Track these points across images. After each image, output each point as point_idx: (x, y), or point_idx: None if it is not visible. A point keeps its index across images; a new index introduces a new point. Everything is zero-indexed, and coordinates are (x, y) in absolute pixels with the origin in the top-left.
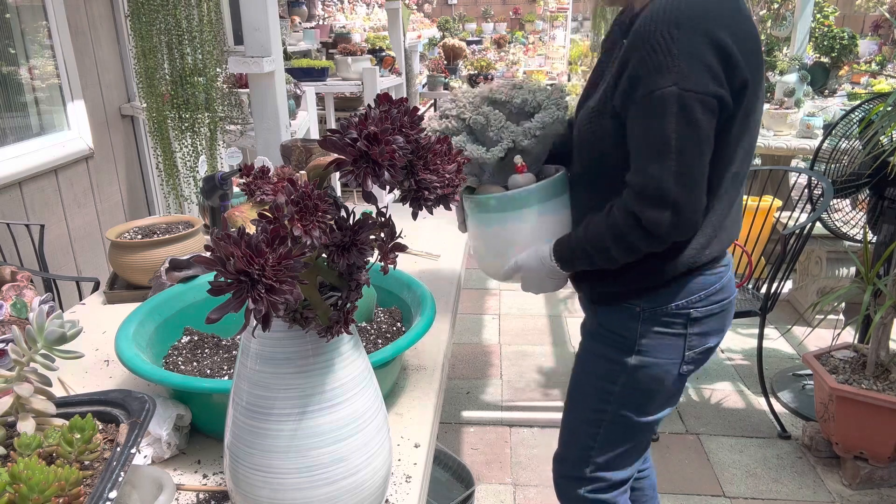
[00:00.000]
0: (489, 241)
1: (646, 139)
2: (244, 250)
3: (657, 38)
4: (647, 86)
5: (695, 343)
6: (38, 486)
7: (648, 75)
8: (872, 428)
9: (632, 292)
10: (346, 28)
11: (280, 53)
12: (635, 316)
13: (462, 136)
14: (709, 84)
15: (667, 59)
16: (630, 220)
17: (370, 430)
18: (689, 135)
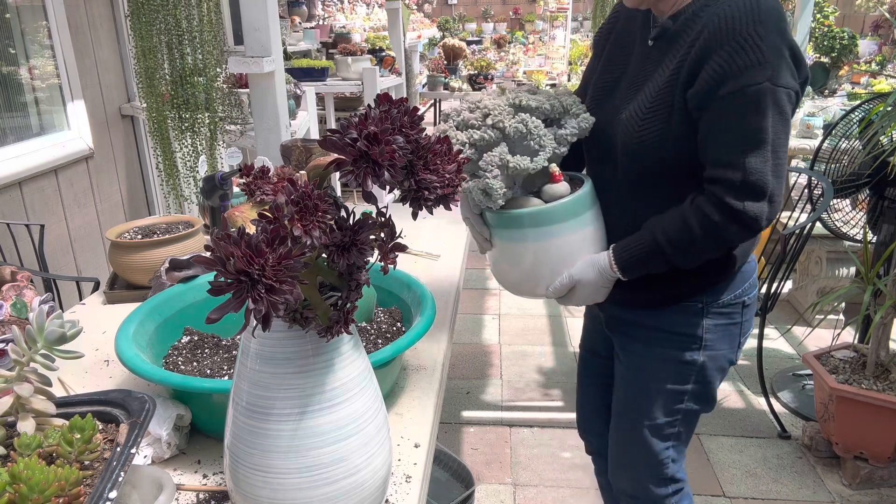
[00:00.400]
0: (532, 258)
1: (741, 133)
2: (244, 250)
3: (744, 36)
4: (738, 81)
5: (746, 328)
6: (38, 486)
7: (740, 72)
8: (872, 428)
9: (696, 289)
10: (346, 28)
11: (280, 53)
12: (698, 312)
13: (501, 148)
14: (790, 79)
15: (758, 55)
16: (727, 214)
17: (370, 430)
18: (782, 128)
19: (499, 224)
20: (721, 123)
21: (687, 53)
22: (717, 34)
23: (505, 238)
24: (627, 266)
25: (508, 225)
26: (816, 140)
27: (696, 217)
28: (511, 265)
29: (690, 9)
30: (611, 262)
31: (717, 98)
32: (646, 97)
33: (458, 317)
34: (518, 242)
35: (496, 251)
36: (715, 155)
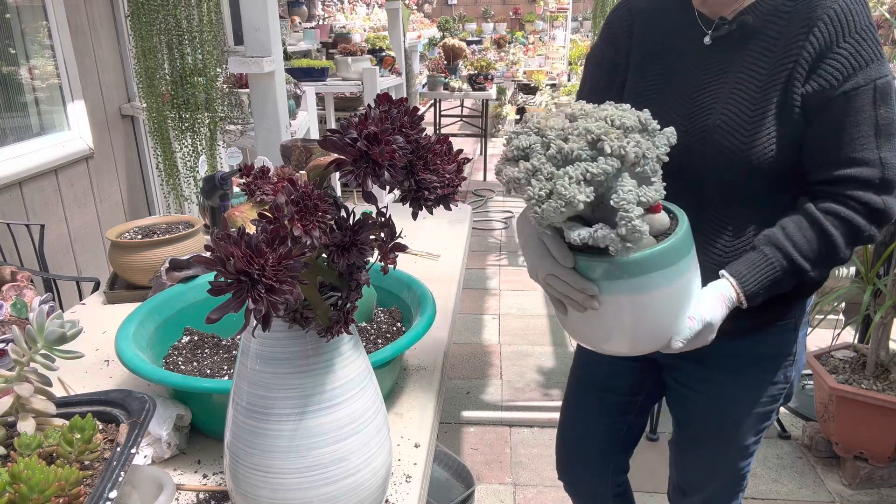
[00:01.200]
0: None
1: (874, 128)
2: (244, 250)
3: (862, 30)
4: (867, 76)
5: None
6: (38, 486)
7: (866, 65)
8: (872, 428)
9: (792, 305)
10: (346, 28)
11: (280, 53)
12: (792, 328)
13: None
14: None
15: (877, 49)
16: (869, 214)
17: (370, 430)
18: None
19: (612, 274)
20: (850, 119)
21: (797, 49)
22: (836, 27)
23: (623, 290)
24: (759, 292)
25: (628, 273)
26: None
27: (833, 223)
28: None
29: (768, 3)
30: (737, 292)
31: (842, 94)
32: (742, 101)
33: (458, 317)
34: (640, 293)
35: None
36: (845, 153)
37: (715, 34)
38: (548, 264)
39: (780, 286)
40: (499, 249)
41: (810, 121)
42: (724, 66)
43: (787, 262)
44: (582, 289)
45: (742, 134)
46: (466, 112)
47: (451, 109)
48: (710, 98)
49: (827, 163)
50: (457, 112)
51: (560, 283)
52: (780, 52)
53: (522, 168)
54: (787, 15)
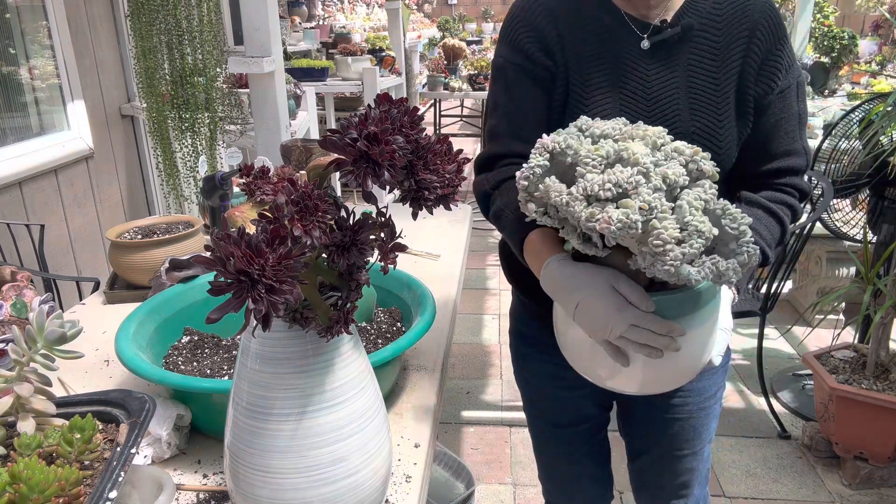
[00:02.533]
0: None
1: (798, 121)
2: (244, 250)
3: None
4: (793, 75)
5: None
6: (38, 486)
7: (790, 67)
8: (872, 428)
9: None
10: (346, 28)
11: (280, 53)
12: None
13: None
14: None
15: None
16: (801, 196)
17: (370, 430)
18: None
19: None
20: (784, 116)
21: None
22: (772, 32)
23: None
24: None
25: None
26: (816, 140)
27: (783, 211)
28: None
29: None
30: (734, 294)
31: (779, 93)
32: (706, 106)
33: (458, 317)
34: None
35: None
36: (781, 146)
37: (656, 38)
38: (629, 315)
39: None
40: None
41: (754, 120)
42: (667, 70)
43: (762, 255)
44: (668, 331)
45: (718, 140)
46: (466, 112)
47: (451, 109)
48: (667, 103)
49: (767, 156)
50: (457, 112)
51: (642, 333)
52: (723, 55)
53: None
54: (721, 18)
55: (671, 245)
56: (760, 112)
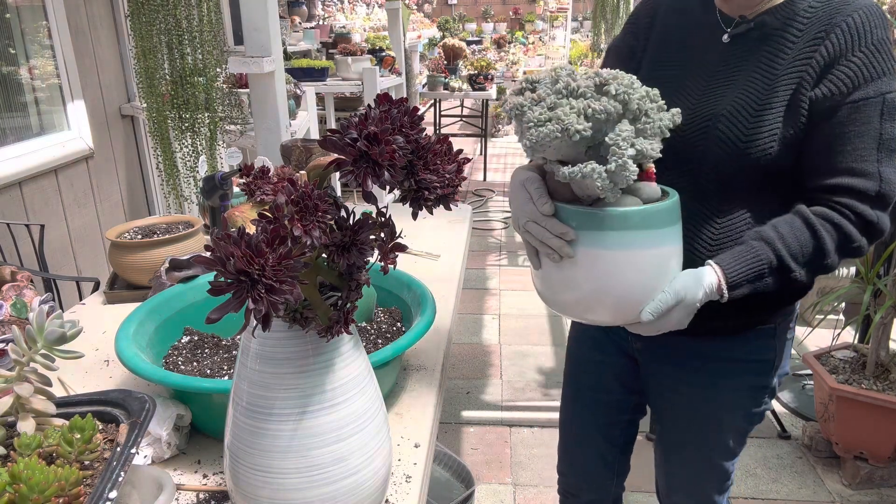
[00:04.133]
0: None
1: (877, 142)
2: (244, 250)
3: (877, 42)
4: (877, 88)
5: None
6: (38, 486)
7: (877, 78)
8: (872, 428)
9: (774, 310)
10: (346, 28)
11: (280, 53)
12: (772, 334)
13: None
14: None
15: (890, 64)
16: (861, 225)
17: (370, 430)
18: None
19: (592, 224)
20: (854, 129)
21: (810, 53)
22: (852, 37)
23: (600, 244)
24: (739, 284)
25: (609, 225)
26: None
27: (825, 227)
28: (595, 280)
29: (790, 7)
30: (720, 279)
31: (850, 103)
32: (749, 96)
33: (458, 317)
34: (619, 249)
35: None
36: (845, 162)
37: (734, 32)
38: (529, 210)
39: (764, 283)
40: (499, 249)
41: (815, 126)
42: (740, 64)
43: (776, 259)
44: (560, 234)
45: (744, 126)
46: (466, 112)
47: (451, 109)
48: (719, 92)
49: (826, 169)
50: (457, 112)
51: (538, 229)
52: (793, 55)
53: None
54: (807, 20)
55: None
56: (822, 118)
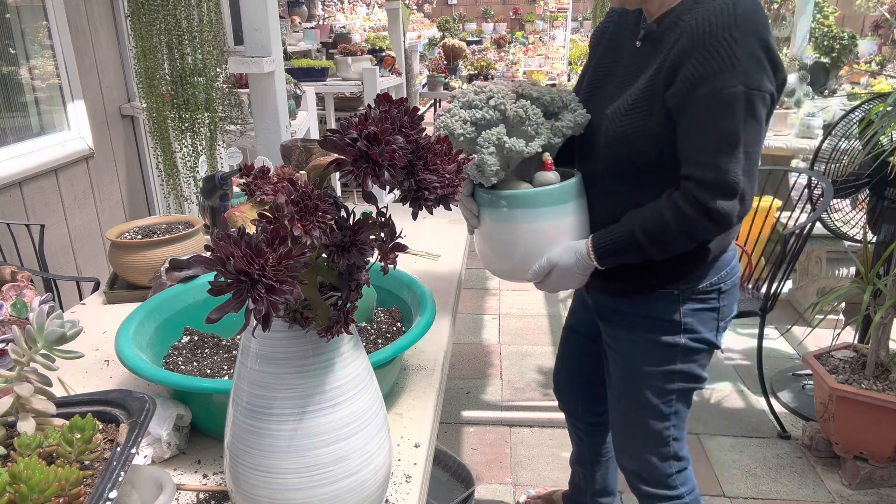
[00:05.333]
0: (516, 239)
1: (714, 134)
2: (244, 250)
3: (719, 40)
4: (713, 85)
5: (725, 312)
6: (38, 485)
7: (714, 75)
8: (872, 428)
9: (671, 278)
10: (346, 28)
11: (280, 53)
12: (675, 299)
13: (500, 128)
14: (765, 82)
15: (732, 59)
16: (699, 210)
17: (370, 430)
18: (754, 130)
19: (488, 203)
20: (696, 124)
21: (667, 55)
22: (694, 37)
23: (494, 218)
24: (604, 254)
25: (497, 204)
26: (816, 140)
27: (670, 211)
28: (496, 246)
29: (675, 12)
30: (588, 250)
31: (693, 100)
32: (629, 95)
33: (458, 317)
34: (505, 223)
35: (483, 232)
36: (690, 154)
37: (640, 37)
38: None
39: (626, 254)
40: None
41: (675, 122)
42: (641, 67)
43: (629, 234)
44: (469, 208)
45: (615, 124)
46: None
47: None
48: (621, 93)
49: (682, 160)
50: None
51: (461, 206)
52: (660, 59)
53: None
54: (681, 23)
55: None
56: (677, 114)
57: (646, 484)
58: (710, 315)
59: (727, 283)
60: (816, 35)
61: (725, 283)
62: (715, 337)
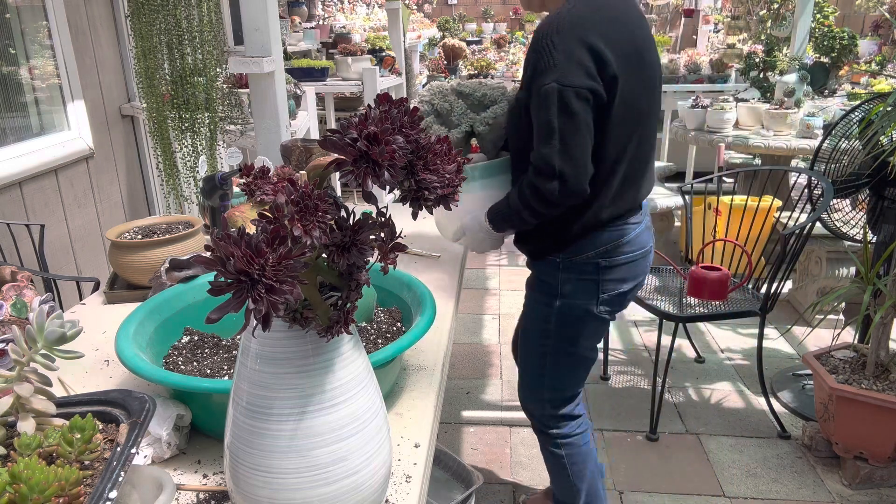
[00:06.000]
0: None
1: (538, 125)
2: (244, 250)
3: (543, 45)
4: (537, 83)
5: (608, 287)
6: (38, 486)
7: (538, 75)
8: (872, 428)
9: (553, 248)
10: (346, 28)
11: (280, 53)
12: (557, 266)
13: (430, 119)
14: (583, 80)
15: (549, 61)
16: (531, 190)
17: (370, 430)
18: (568, 120)
19: None
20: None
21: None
22: (532, 43)
23: None
24: (493, 221)
25: None
26: (816, 140)
27: (519, 192)
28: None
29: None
30: (485, 218)
31: (532, 97)
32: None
33: (458, 317)
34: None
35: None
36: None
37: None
38: None
39: (507, 221)
40: (499, 249)
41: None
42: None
43: (505, 206)
44: None
45: (509, 120)
46: None
47: None
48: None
49: None
50: None
51: None
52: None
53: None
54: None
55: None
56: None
57: (534, 420)
58: (589, 286)
59: (606, 261)
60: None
61: (605, 259)
62: (595, 308)
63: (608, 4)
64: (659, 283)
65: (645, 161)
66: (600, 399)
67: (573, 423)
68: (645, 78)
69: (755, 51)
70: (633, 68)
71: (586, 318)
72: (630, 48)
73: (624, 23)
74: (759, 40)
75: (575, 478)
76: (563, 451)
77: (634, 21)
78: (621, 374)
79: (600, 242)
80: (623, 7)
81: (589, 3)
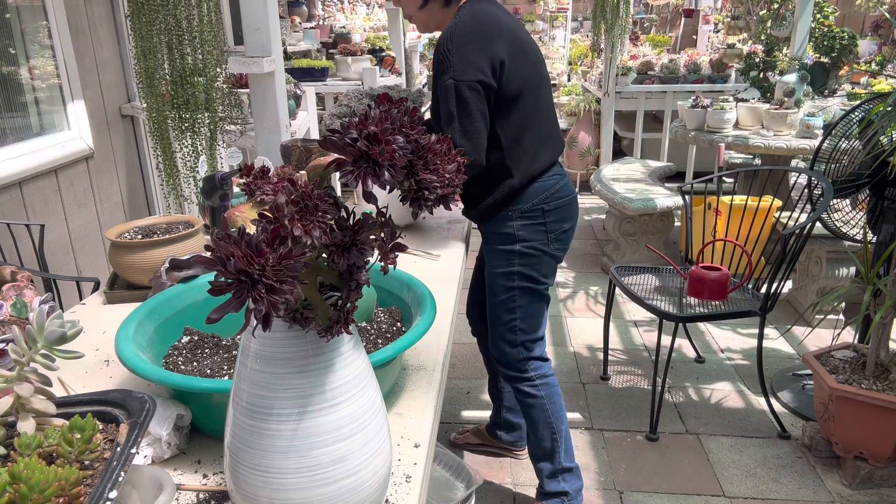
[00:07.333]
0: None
1: (442, 113)
2: (244, 250)
3: (441, 52)
4: (439, 81)
5: (553, 228)
6: (38, 486)
7: (439, 75)
8: (872, 428)
9: (502, 204)
10: (346, 28)
11: (280, 53)
12: (509, 217)
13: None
14: (475, 75)
15: (446, 63)
16: None
17: (370, 430)
18: (465, 107)
19: None
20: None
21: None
22: (434, 53)
23: None
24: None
25: None
26: (816, 140)
27: None
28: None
29: None
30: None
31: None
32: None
33: (459, 317)
34: None
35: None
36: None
37: None
38: None
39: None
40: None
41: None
42: None
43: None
44: None
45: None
46: None
47: None
48: None
49: None
50: None
51: None
52: None
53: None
54: None
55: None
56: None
57: (503, 366)
58: (540, 229)
59: (549, 205)
60: (816, 35)
61: (547, 204)
62: (547, 247)
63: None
64: (659, 283)
65: (551, 118)
66: (600, 399)
67: (546, 365)
68: (526, 52)
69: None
70: (514, 50)
71: (543, 257)
72: (508, 33)
73: (496, 23)
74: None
75: (556, 420)
76: (543, 391)
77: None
78: (621, 374)
79: (541, 190)
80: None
81: (472, 17)
